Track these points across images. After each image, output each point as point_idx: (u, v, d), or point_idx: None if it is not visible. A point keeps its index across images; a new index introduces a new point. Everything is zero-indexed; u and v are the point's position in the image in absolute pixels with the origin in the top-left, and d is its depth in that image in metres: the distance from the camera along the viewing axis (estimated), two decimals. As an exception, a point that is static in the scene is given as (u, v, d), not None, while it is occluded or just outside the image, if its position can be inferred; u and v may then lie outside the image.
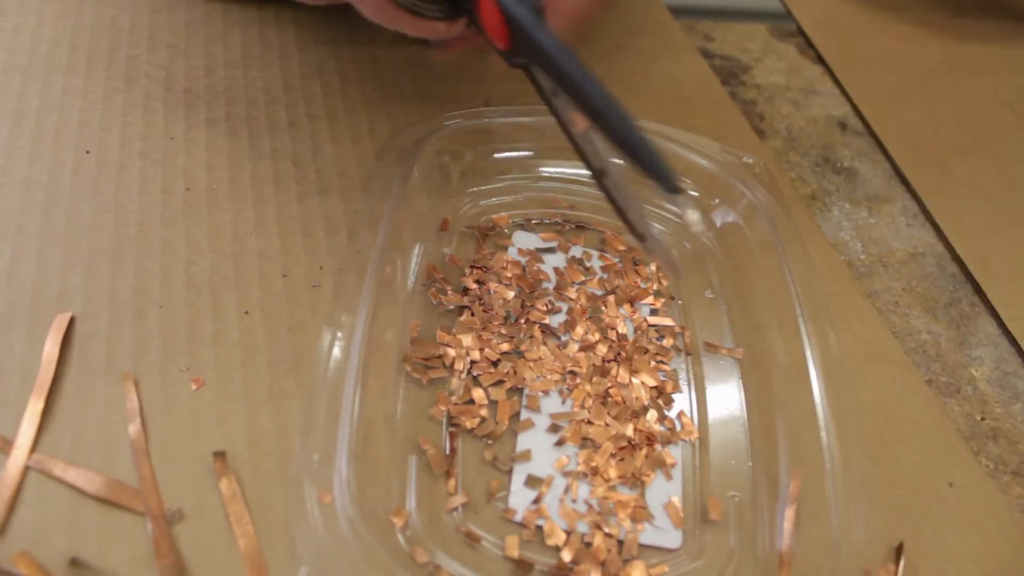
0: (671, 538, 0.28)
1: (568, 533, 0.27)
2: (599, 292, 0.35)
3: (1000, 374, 0.36)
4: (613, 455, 0.29)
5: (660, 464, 0.29)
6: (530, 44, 0.26)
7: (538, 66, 0.27)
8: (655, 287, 0.35)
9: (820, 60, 0.51)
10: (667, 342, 0.33)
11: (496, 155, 0.38)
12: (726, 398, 0.32)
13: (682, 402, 0.32)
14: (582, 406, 0.31)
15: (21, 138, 0.36)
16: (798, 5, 0.54)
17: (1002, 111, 0.49)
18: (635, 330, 0.34)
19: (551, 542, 0.27)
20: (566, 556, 0.27)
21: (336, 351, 0.28)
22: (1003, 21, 0.56)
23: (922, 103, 0.48)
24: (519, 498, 0.28)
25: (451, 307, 0.33)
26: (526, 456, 0.29)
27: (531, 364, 0.31)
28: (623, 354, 0.32)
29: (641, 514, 0.28)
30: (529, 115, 0.38)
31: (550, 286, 0.34)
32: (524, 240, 0.36)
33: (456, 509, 0.28)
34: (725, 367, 0.33)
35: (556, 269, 0.35)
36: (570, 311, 0.34)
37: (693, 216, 0.30)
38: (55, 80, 0.39)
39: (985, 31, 0.55)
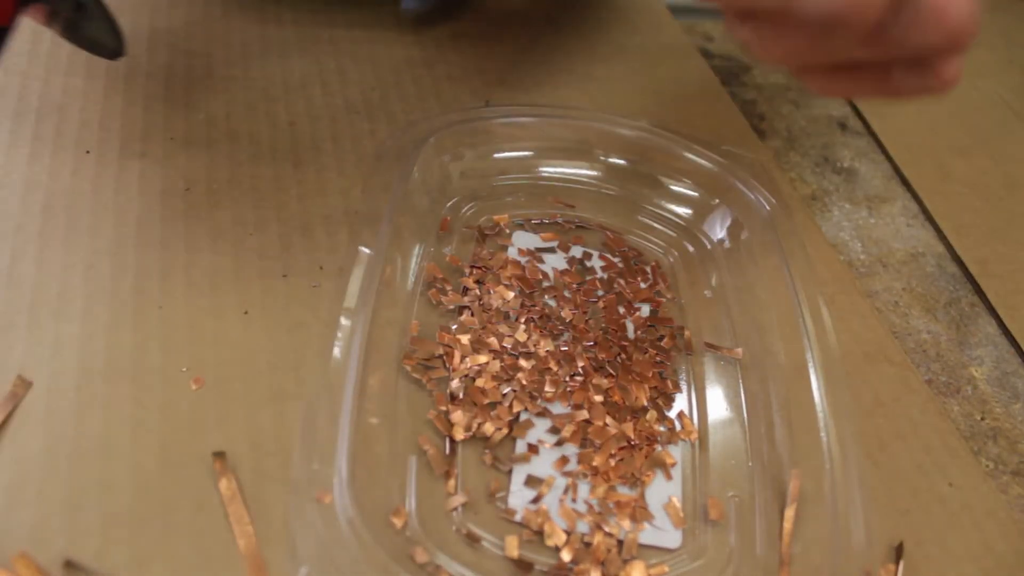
0: (671, 538, 0.28)
1: (568, 533, 0.27)
2: (599, 292, 0.35)
3: (1000, 374, 0.36)
4: (613, 455, 0.29)
5: (660, 464, 0.29)
6: None
7: None
8: (655, 287, 0.35)
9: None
10: (667, 342, 0.33)
11: (496, 155, 0.38)
12: (726, 398, 0.32)
13: (682, 402, 0.32)
14: (582, 406, 0.30)
15: (21, 138, 0.36)
16: None
17: (1001, 111, 0.49)
18: (635, 330, 0.34)
19: (551, 542, 0.27)
20: (566, 556, 0.27)
21: (336, 351, 0.28)
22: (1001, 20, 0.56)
23: (921, 103, 0.48)
24: (519, 498, 0.28)
25: (451, 307, 0.33)
26: (526, 456, 0.29)
27: (531, 364, 0.31)
28: (623, 354, 0.32)
29: (641, 514, 0.28)
30: (529, 115, 0.38)
31: (550, 286, 0.34)
32: (524, 240, 0.36)
33: (456, 509, 0.28)
34: (725, 367, 0.33)
35: (556, 269, 0.35)
36: (570, 311, 0.34)
37: None
38: (55, 80, 0.39)
39: (983, 31, 0.55)
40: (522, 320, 0.33)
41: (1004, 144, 0.47)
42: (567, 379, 0.31)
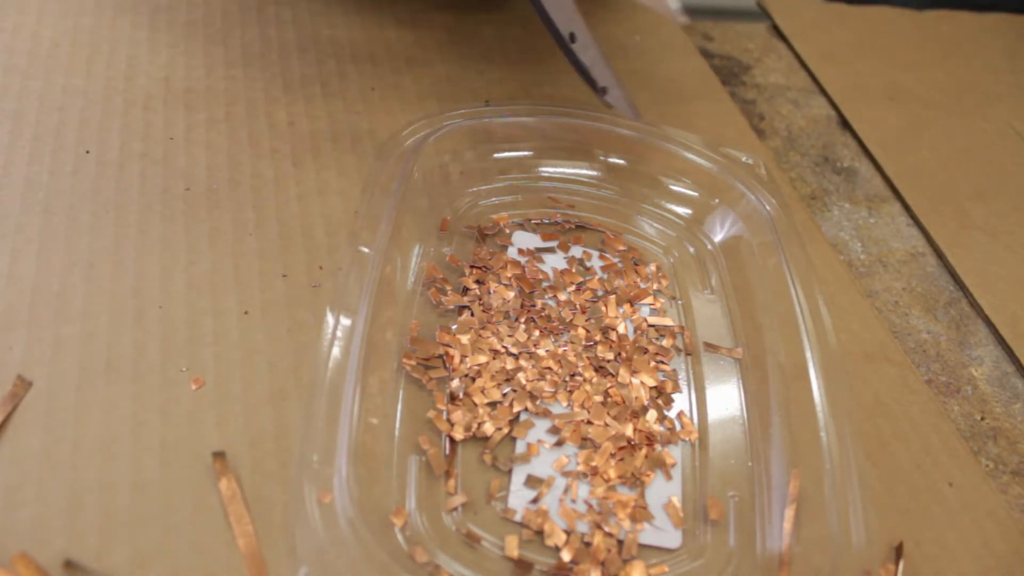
0: (671, 538, 0.28)
1: (568, 533, 0.27)
2: (599, 292, 0.35)
3: (1000, 374, 0.36)
4: (613, 455, 0.29)
5: (660, 464, 0.29)
6: None
7: None
8: (655, 287, 0.35)
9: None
10: (667, 342, 0.33)
11: (496, 155, 0.38)
12: (726, 398, 0.32)
13: (682, 402, 0.32)
14: (582, 406, 0.31)
15: (21, 138, 0.36)
16: (799, 38, 0.53)
17: (1015, 143, 0.47)
18: (635, 330, 0.34)
19: (551, 542, 0.27)
20: (566, 556, 0.27)
21: (336, 351, 0.28)
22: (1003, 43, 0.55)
23: (933, 140, 0.46)
24: (519, 498, 0.28)
25: (451, 307, 0.33)
26: (526, 456, 0.29)
27: (531, 364, 0.31)
28: (623, 354, 0.32)
29: (641, 514, 0.28)
30: (529, 115, 0.38)
31: (550, 286, 0.34)
32: (524, 240, 0.36)
33: (456, 509, 0.28)
34: (725, 367, 0.33)
35: (556, 269, 0.35)
36: (570, 311, 0.34)
37: (674, 4, 0.33)
38: (55, 80, 0.39)
39: (987, 56, 0.54)
40: (522, 320, 0.33)
41: (1021, 182, 0.44)
42: (567, 379, 0.31)
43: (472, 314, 0.33)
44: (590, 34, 0.34)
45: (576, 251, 0.36)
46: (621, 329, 0.33)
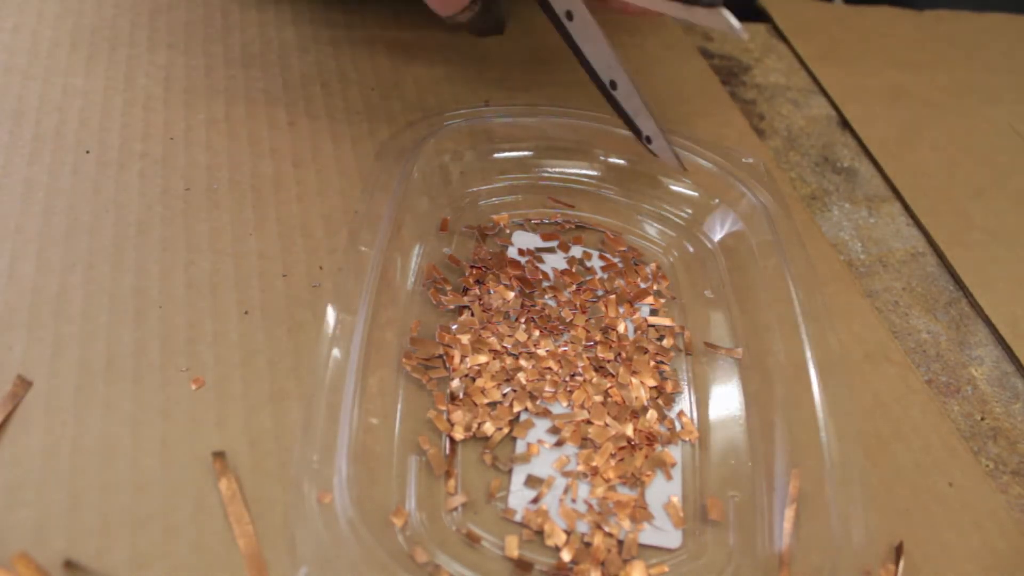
0: (671, 538, 0.28)
1: (568, 533, 0.27)
2: (599, 292, 0.35)
3: (1000, 374, 0.36)
4: (613, 455, 0.29)
5: (660, 464, 0.29)
6: None
7: None
8: (655, 287, 0.35)
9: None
10: (667, 342, 0.33)
11: (496, 155, 0.38)
12: (726, 398, 0.32)
13: (682, 402, 0.32)
14: (582, 406, 0.31)
15: (21, 138, 0.36)
16: (799, 38, 0.53)
17: (1015, 143, 0.47)
18: (635, 330, 0.34)
19: (551, 542, 0.27)
20: (566, 556, 0.27)
21: (336, 351, 0.28)
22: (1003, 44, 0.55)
23: (933, 139, 0.46)
24: (519, 498, 0.28)
25: (451, 307, 0.33)
26: (526, 456, 0.29)
27: (531, 364, 0.31)
28: (623, 354, 0.32)
29: (641, 514, 0.28)
30: (529, 115, 0.38)
31: (550, 286, 0.34)
32: (524, 240, 0.36)
33: (456, 509, 0.28)
34: (725, 367, 0.33)
35: (556, 269, 0.35)
36: (570, 311, 0.34)
37: (736, 24, 0.32)
38: (55, 80, 0.39)
39: (987, 56, 0.54)
40: (522, 320, 0.33)
41: (1021, 181, 0.44)
42: (567, 379, 0.31)
43: (472, 314, 0.33)
44: (632, 83, 0.34)
45: (576, 251, 0.36)
46: (621, 329, 0.33)
